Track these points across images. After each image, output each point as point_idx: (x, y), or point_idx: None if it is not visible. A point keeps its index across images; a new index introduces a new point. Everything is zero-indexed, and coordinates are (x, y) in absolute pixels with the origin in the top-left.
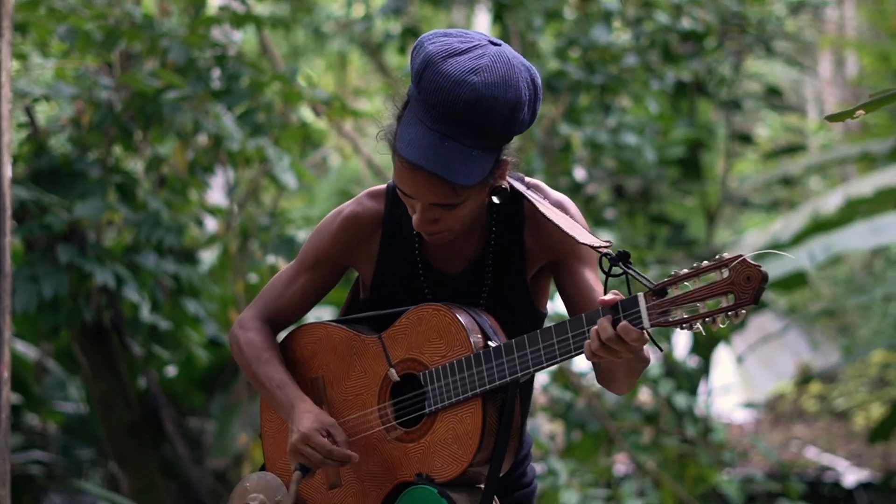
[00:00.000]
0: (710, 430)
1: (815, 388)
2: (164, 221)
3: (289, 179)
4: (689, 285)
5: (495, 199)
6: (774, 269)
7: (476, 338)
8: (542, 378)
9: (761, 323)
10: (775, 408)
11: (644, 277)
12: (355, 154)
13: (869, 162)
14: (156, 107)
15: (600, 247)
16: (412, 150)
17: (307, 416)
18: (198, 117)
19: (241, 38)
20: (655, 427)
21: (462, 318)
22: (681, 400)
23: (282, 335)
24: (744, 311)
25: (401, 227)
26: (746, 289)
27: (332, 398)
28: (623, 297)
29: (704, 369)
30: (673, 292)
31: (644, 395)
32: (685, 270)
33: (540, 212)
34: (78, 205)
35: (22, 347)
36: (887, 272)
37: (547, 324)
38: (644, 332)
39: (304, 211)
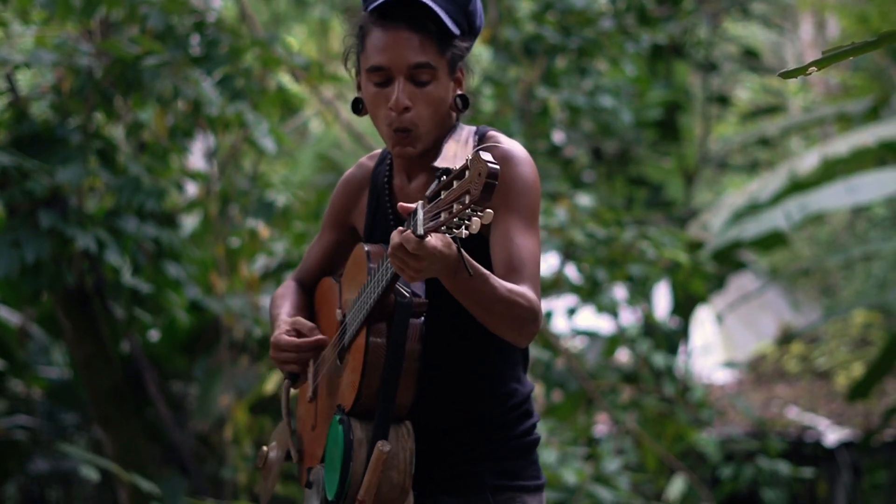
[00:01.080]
0: (688, 389)
1: (796, 348)
2: (145, 186)
3: (268, 144)
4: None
5: (459, 102)
6: (752, 228)
7: (372, 265)
8: None
9: (742, 283)
10: (757, 368)
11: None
12: (335, 120)
13: (847, 122)
14: (136, 73)
15: (441, 166)
16: (386, 6)
17: (276, 330)
18: (177, 83)
19: (221, 5)
20: (634, 386)
21: (369, 247)
22: (659, 359)
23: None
24: (481, 214)
25: (377, 181)
26: (478, 184)
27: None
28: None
29: (684, 330)
30: (443, 195)
31: (623, 356)
32: (450, 173)
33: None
34: (59, 170)
35: (5, 313)
36: (869, 232)
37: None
38: (421, 238)
39: (287, 176)
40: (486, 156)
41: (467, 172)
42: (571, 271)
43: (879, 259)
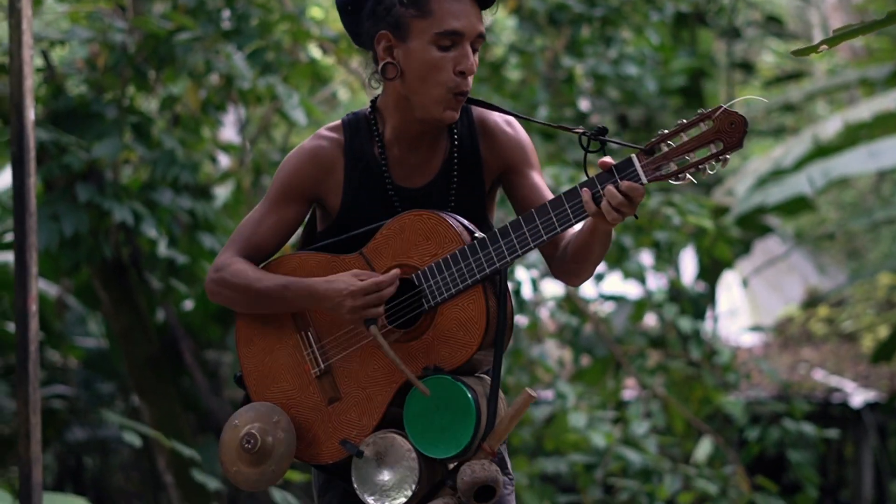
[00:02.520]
0: (715, 352)
1: (822, 311)
2: (179, 159)
3: (299, 116)
4: (674, 144)
5: None
6: (776, 194)
7: (463, 232)
8: (550, 305)
9: (768, 247)
10: (784, 331)
11: (628, 143)
12: (363, 89)
13: (871, 87)
14: (168, 48)
15: (575, 128)
16: None
17: (336, 283)
18: (209, 57)
19: None
20: (661, 351)
21: (447, 217)
22: (686, 324)
23: None
24: (728, 157)
25: (363, 153)
26: (733, 133)
27: (318, 320)
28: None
29: (711, 294)
30: (663, 149)
31: (650, 320)
32: (671, 129)
33: (489, 121)
34: (96, 145)
35: (43, 285)
36: (894, 195)
37: None
38: (644, 187)
39: None
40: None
41: (703, 125)
42: None
43: None
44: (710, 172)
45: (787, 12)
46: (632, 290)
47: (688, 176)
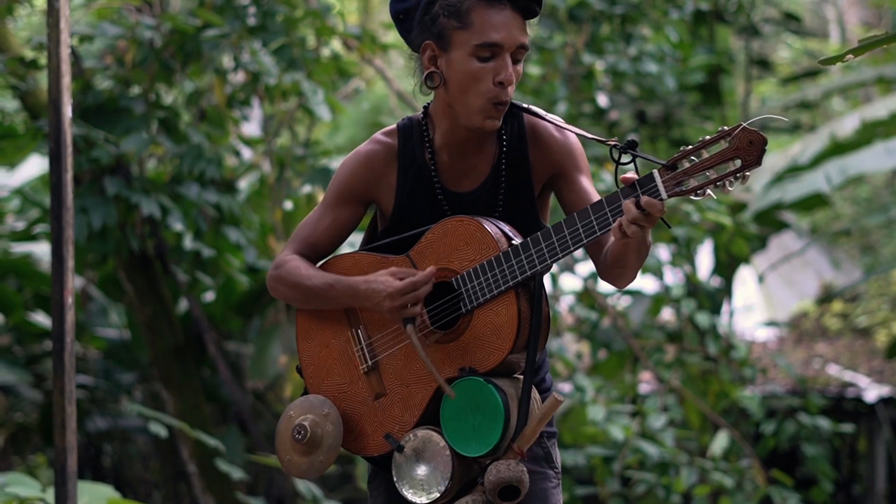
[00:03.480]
0: (731, 347)
1: (837, 306)
2: (206, 153)
3: (323, 112)
4: (696, 159)
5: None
6: (793, 190)
7: (500, 238)
8: (568, 299)
9: (784, 243)
10: (798, 326)
11: (654, 158)
12: (384, 81)
13: (887, 84)
14: (195, 44)
15: (608, 140)
16: None
17: (375, 283)
18: (235, 53)
19: None
20: (678, 345)
21: (485, 223)
22: (703, 318)
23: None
24: (748, 174)
25: (414, 157)
26: (751, 151)
27: (367, 318)
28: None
29: (727, 289)
30: (683, 165)
31: (667, 315)
32: (691, 146)
33: (539, 127)
34: (124, 139)
35: None
36: None
37: None
38: (664, 203)
39: (329, 138)
40: (753, 128)
41: (723, 143)
42: None
43: None
44: (730, 189)
45: (803, 9)
46: (649, 284)
47: (708, 192)
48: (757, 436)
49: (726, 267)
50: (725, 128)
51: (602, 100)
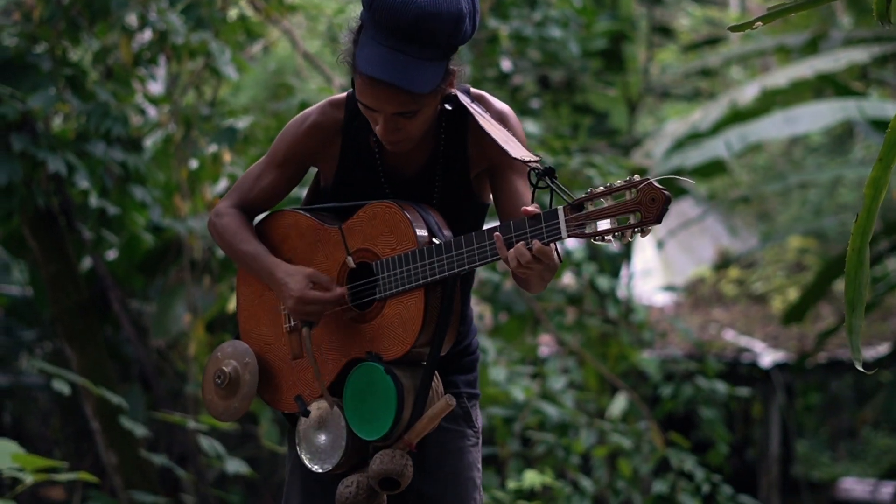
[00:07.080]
0: (631, 311)
1: (733, 272)
2: (112, 112)
3: (230, 72)
4: (604, 202)
5: (447, 106)
6: (694, 157)
7: (422, 234)
8: None
9: (682, 209)
10: (695, 291)
11: (566, 192)
12: (289, 43)
13: (786, 53)
14: (103, 2)
15: (530, 161)
16: (371, 66)
17: (291, 279)
18: (143, 12)
19: None
20: (579, 308)
21: (410, 215)
22: (603, 282)
23: (257, 220)
24: (649, 229)
25: (358, 136)
26: (651, 209)
27: None
28: (543, 211)
29: (626, 254)
30: (589, 207)
31: (567, 278)
32: (600, 188)
33: (480, 124)
34: (30, 96)
35: None
36: (805, 160)
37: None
38: (555, 247)
39: (232, 98)
40: (658, 185)
41: (628, 194)
42: None
43: (815, 186)
44: (629, 240)
45: None
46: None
47: (607, 238)
48: (655, 398)
49: None
50: (636, 177)
51: (506, 64)
